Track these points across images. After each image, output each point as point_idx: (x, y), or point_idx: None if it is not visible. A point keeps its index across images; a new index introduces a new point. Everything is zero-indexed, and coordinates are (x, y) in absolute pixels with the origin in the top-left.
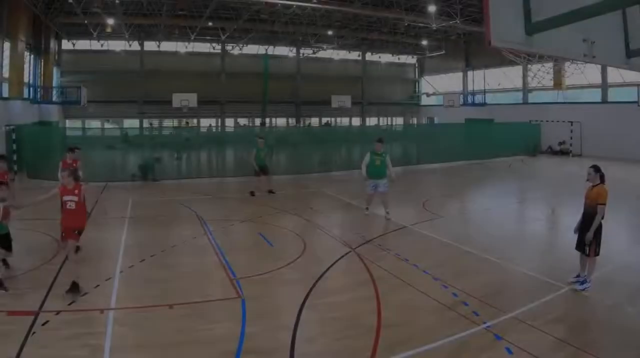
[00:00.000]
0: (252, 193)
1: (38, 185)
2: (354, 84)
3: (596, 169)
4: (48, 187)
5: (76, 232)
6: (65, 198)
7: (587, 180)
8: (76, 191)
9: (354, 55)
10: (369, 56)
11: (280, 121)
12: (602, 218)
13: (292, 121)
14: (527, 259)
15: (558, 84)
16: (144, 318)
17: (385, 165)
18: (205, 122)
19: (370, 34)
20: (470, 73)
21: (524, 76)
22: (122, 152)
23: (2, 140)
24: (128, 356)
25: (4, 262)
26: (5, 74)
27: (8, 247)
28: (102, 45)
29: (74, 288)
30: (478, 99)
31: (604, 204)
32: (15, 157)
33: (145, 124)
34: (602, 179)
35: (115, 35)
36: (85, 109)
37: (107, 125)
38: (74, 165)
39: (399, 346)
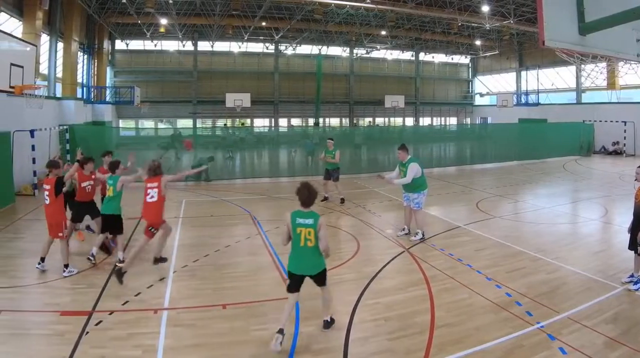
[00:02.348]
0: (325, 198)
1: None
2: (408, 84)
3: None
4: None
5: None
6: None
7: (636, 179)
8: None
9: (408, 55)
10: (422, 56)
11: (334, 121)
12: None
13: (345, 121)
14: (580, 259)
15: (611, 84)
16: (197, 318)
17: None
18: (258, 122)
19: (423, 33)
20: (523, 73)
21: (577, 76)
22: (175, 152)
23: (56, 140)
24: (181, 356)
25: (105, 248)
26: (59, 74)
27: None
28: (155, 45)
29: (160, 260)
30: (531, 98)
31: None
32: (68, 157)
33: (199, 123)
34: None
35: (168, 35)
36: (138, 109)
37: (160, 125)
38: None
39: (452, 346)
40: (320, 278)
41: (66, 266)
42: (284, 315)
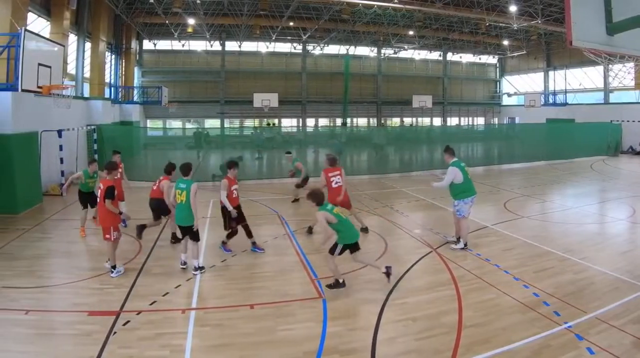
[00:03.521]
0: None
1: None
2: (435, 83)
3: None
4: (133, 186)
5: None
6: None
7: None
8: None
9: (435, 55)
10: (450, 56)
11: (362, 121)
12: None
13: (373, 121)
14: (608, 259)
15: (639, 84)
16: (225, 318)
17: (451, 181)
18: (286, 122)
19: (451, 34)
20: (551, 73)
21: (605, 76)
22: (202, 152)
23: (84, 140)
24: (209, 356)
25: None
26: (87, 74)
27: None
28: (183, 45)
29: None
30: (559, 99)
31: None
32: (96, 157)
33: (227, 123)
34: None
35: (196, 35)
36: (166, 109)
37: (187, 125)
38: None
39: (479, 346)
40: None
41: (114, 267)
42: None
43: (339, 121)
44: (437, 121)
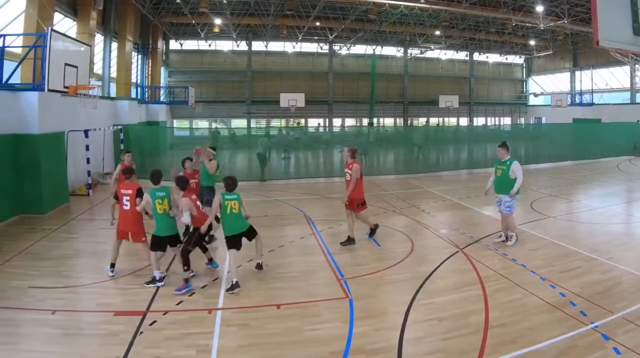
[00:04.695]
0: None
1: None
2: (462, 83)
3: None
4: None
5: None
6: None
7: None
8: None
9: (462, 55)
10: (476, 56)
11: (388, 121)
12: None
13: (399, 121)
14: (634, 259)
15: None
16: (251, 318)
17: (507, 177)
18: (312, 122)
19: (477, 33)
20: (577, 73)
21: (632, 76)
22: (229, 152)
23: (110, 140)
24: (235, 356)
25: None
26: (113, 74)
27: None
28: (209, 45)
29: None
30: (585, 98)
31: None
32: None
33: (253, 123)
34: None
35: (222, 35)
36: (192, 109)
37: (214, 125)
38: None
39: (506, 346)
40: None
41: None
42: None
43: (365, 121)
44: (464, 121)
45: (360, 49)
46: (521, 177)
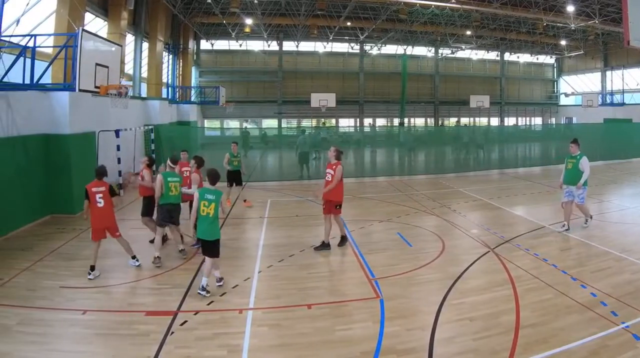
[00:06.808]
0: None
1: None
2: (492, 84)
3: None
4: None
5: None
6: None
7: None
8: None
9: (493, 55)
10: (507, 56)
11: (419, 121)
12: None
13: (430, 121)
14: None
15: None
16: (282, 318)
17: (577, 169)
18: (343, 122)
19: (508, 33)
20: (608, 73)
21: None
22: (260, 152)
23: (141, 140)
24: (266, 356)
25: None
26: (144, 74)
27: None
28: (240, 45)
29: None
30: (616, 98)
31: None
32: (154, 156)
33: (284, 123)
34: None
35: (253, 35)
36: (223, 109)
37: (245, 125)
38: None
39: (537, 346)
40: None
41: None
42: None
43: (396, 121)
44: (494, 121)
45: (391, 48)
46: (588, 171)
